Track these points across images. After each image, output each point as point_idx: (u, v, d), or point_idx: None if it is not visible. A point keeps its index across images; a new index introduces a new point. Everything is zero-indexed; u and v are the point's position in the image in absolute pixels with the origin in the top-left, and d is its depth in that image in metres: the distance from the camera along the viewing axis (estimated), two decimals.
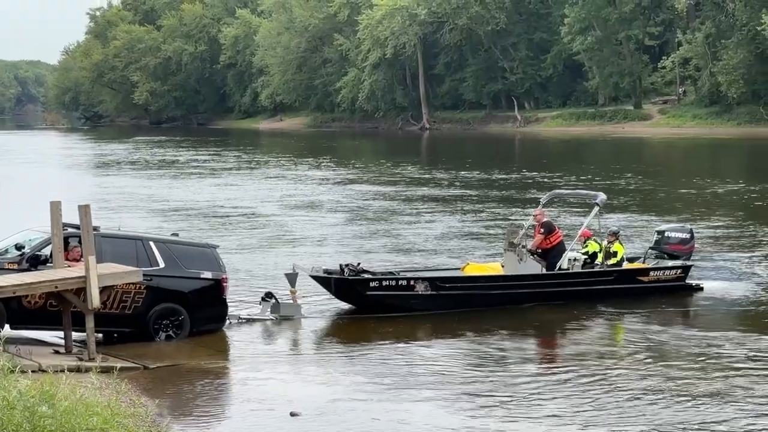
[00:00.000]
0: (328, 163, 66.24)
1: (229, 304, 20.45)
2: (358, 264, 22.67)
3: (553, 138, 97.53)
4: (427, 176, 55.23)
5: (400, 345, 19.56)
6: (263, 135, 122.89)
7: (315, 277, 22.33)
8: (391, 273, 22.89)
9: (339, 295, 22.31)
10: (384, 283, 22.02)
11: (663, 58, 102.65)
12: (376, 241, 32.15)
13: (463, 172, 56.22)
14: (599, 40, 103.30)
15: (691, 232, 24.98)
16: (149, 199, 44.84)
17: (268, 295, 21.53)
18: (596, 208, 24.51)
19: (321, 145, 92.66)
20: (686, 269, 24.28)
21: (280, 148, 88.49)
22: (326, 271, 22.40)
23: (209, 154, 77.91)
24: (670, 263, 24.30)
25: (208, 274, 19.74)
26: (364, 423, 14.80)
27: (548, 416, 14.95)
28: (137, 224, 31.88)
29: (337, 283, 21.99)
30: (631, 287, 23.64)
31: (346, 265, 22.27)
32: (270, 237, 33.13)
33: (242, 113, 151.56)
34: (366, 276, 22.08)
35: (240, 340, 19.94)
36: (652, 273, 24.02)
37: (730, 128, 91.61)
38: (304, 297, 22.26)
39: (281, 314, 21.18)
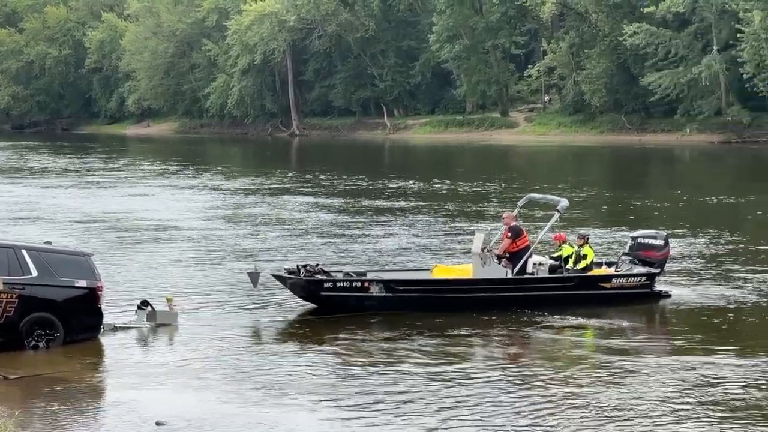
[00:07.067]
0: (217, 171, 65.07)
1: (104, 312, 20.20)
2: (317, 265, 22.94)
3: (422, 145, 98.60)
4: (328, 185, 55.23)
5: (274, 353, 19.51)
6: (131, 141, 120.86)
7: (276, 276, 22.84)
8: (348, 274, 23.06)
9: (297, 294, 22.72)
10: (338, 284, 22.31)
11: (529, 66, 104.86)
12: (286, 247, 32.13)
13: (344, 181, 56.46)
14: (467, 48, 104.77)
15: (665, 238, 24.39)
16: (50, 209, 42.84)
17: (144, 303, 21.30)
18: (556, 215, 24.51)
19: (196, 152, 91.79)
20: (651, 276, 23.87)
21: (159, 155, 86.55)
22: (288, 271, 22.77)
23: (94, 161, 75.78)
24: (635, 270, 23.91)
25: (82, 283, 19.43)
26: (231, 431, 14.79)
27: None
28: (47, 237, 30.60)
29: (293, 283, 22.41)
30: (593, 294, 23.42)
31: (304, 266, 22.62)
32: (183, 249, 32.18)
33: (108, 118, 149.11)
34: (320, 277, 22.35)
35: (113, 348, 19.60)
36: (615, 280, 23.67)
37: (593, 136, 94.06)
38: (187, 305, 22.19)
39: (157, 322, 20.98)
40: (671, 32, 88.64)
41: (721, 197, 46.65)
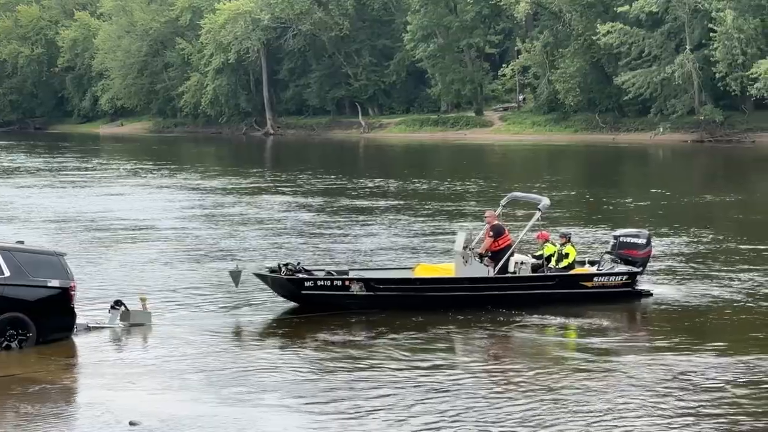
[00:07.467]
0: (193, 170, 64.46)
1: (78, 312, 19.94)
2: (298, 263, 22.90)
3: (397, 144, 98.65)
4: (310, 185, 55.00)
5: (252, 352, 19.35)
6: (105, 140, 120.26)
7: (257, 275, 22.85)
8: (329, 273, 23.03)
9: (278, 293, 22.70)
10: (319, 283, 22.29)
11: (503, 66, 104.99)
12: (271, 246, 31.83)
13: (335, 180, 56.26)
14: (441, 47, 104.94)
15: (648, 237, 24.34)
16: (24, 209, 42.19)
17: (118, 303, 21.07)
18: (538, 213, 24.30)
19: (170, 151, 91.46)
20: (633, 275, 23.78)
21: (133, 155, 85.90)
22: (270, 270, 22.78)
23: (68, 160, 75.07)
24: (616, 269, 23.87)
25: (55, 282, 19.19)
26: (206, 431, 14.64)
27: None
28: (20, 236, 30.01)
29: (273, 281, 22.38)
30: (575, 292, 23.31)
31: (285, 265, 22.62)
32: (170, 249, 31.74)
33: (81, 117, 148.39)
34: (301, 276, 22.33)
35: (86, 349, 19.38)
36: (596, 278, 23.61)
37: (567, 135, 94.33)
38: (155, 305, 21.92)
39: (131, 322, 20.76)
40: (645, 31, 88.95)
41: (697, 196, 46.77)
